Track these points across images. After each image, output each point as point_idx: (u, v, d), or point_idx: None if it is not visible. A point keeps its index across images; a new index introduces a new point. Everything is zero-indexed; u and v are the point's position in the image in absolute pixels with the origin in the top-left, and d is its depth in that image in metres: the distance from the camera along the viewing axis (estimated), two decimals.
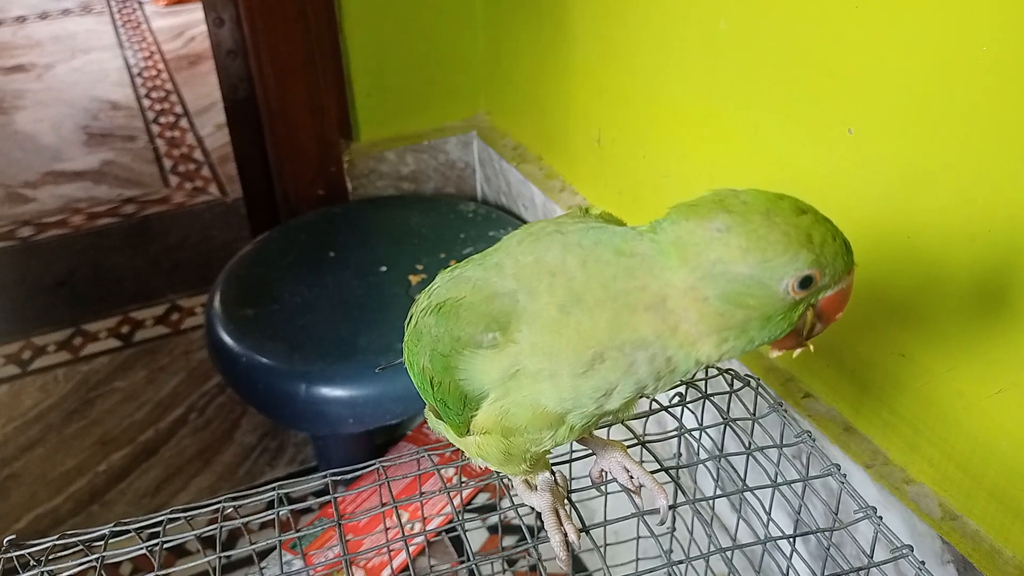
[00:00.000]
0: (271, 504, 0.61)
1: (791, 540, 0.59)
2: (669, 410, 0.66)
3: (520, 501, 0.58)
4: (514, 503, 0.58)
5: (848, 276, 0.46)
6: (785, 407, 0.63)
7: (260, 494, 0.61)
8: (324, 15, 1.29)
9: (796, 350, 0.48)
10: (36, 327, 1.49)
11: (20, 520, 1.12)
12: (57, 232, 1.76)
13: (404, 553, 1.00)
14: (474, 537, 1.07)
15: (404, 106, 1.42)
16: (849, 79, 0.72)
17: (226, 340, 1.07)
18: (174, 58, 2.60)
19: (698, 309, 0.44)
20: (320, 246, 1.25)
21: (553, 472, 0.58)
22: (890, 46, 0.67)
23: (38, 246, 1.73)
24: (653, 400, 0.63)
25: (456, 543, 1.05)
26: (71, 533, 0.57)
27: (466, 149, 1.45)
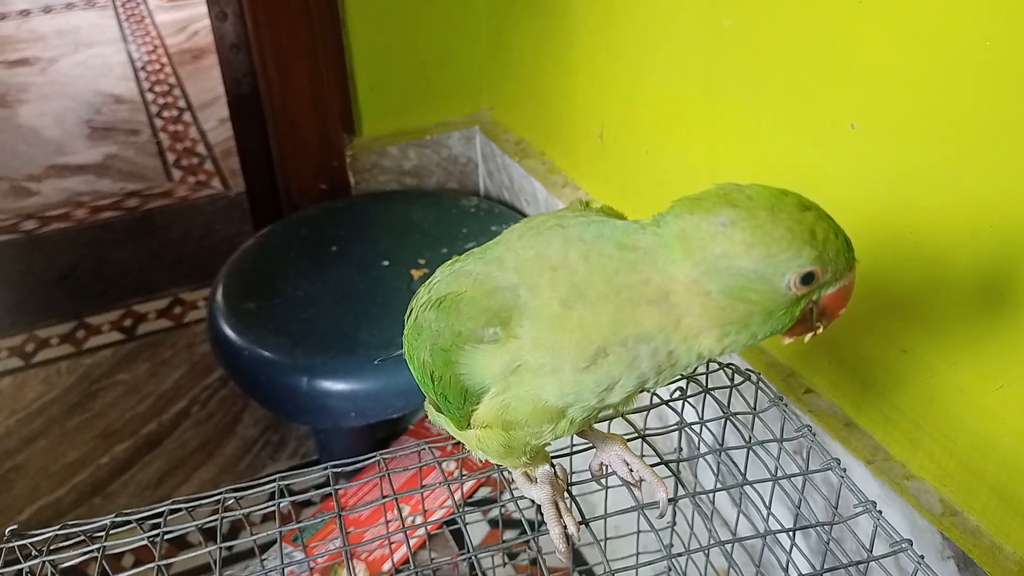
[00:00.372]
0: (272, 496, 0.61)
1: (791, 534, 0.59)
2: (670, 404, 0.66)
3: (520, 494, 0.58)
4: (514, 497, 0.59)
5: (850, 273, 0.46)
6: (786, 402, 0.63)
7: (261, 486, 0.61)
8: (327, 10, 1.29)
9: (807, 335, 0.48)
10: (39, 320, 1.49)
11: (23, 512, 1.12)
12: (60, 225, 1.77)
13: (405, 546, 1.00)
14: (475, 530, 1.07)
15: (407, 101, 1.42)
16: (852, 74, 0.72)
17: (228, 334, 1.07)
18: (177, 52, 2.60)
19: (701, 303, 0.44)
20: (322, 240, 1.25)
21: (553, 465, 0.58)
22: (893, 41, 0.67)
23: (41, 239, 1.73)
24: (654, 394, 0.64)
25: (457, 536, 1.06)
26: (73, 524, 0.57)
27: (468, 144, 1.45)
